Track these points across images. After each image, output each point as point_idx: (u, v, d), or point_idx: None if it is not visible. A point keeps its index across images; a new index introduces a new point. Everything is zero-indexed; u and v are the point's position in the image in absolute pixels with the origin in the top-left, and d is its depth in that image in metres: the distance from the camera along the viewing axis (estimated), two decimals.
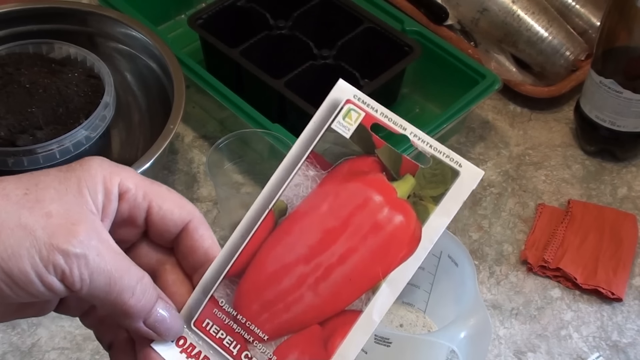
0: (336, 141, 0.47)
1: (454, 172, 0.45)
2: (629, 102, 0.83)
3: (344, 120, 0.47)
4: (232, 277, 0.46)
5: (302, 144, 0.47)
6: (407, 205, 0.45)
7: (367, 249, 0.45)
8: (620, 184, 0.87)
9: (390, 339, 0.61)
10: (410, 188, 0.45)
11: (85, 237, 0.40)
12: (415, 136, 0.47)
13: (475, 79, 0.87)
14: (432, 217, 0.45)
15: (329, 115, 0.48)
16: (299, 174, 0.46)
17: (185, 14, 1.01)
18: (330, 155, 0.47)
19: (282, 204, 0.46)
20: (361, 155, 0.47)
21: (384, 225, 0.45)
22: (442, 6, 0.97)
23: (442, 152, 0.46)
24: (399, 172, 0.46)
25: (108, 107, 0.76)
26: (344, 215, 0.45)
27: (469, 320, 0.60)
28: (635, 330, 0.75)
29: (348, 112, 0.47)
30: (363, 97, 0.47)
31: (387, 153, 0.47)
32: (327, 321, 0.45)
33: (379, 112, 0.48)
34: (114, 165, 0.43)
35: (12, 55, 0.79)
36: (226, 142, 0.78)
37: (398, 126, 0.48)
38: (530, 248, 0.80)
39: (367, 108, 0.48)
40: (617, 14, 0.80)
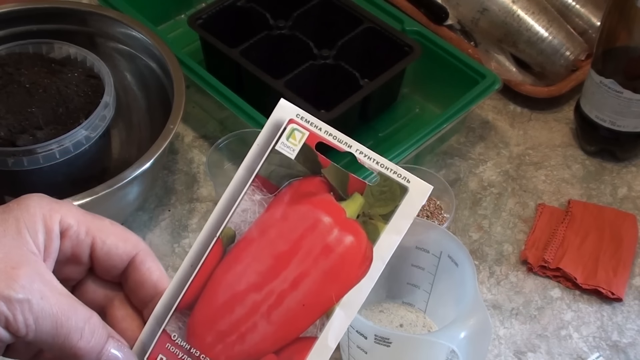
0: (281, 163, 0.46)
1: (402, 189, 0.44)
2: (629, 102, 0.83)
3: (288, 140, 0.46)
4: (183, 310, 0.44)
5: (246, 168, 0.45)
6: (356, 225, 0.44)
7: (319, 273, 0.44)
8: (620, 184, 0.87)
9: (390, 339, 0.61)
10: (359, 207, 0.44)
11: (27, 281, 0.38)
12: (362, 153, 0.46)
13: (475, 79, 0.87)
14: (383, 235, 0.44)
15: (272, 136, 0.46)
16: (245, 199, 0.45)
17: (185, 14, 1.01)
18: (276, 178, 0.46)
19: (230, 230, 0.45)
20: (308, 175, 0.46)
21: (335, 247, 0.44)
22: (442, 6, 0.97)
23: (389, 169, 0.45)
24: (346, 191, 0.45)
25: (108, 107, 0.76)
26: (293, 238, 0.44)
27: (469, 320, 0.60)
28: (635, 330, 0.75)
29: (292, 132, 0.46)
30: (306, 116, 0.46)
31: (333, 172, 0.46)
32: (282, 350, 0.44)
33: (322, 131, 0.46)
34: (53, 202, 0.42)
35: (12, 55, 0.79)
36: (226, 142, 0.78)
37: (343, 144, 0.46)
38: (530, 248, 0.80)
39: (310, 127, 0.46)
40: (617, 14, 0.80)
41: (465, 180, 0.87)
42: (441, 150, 0.89)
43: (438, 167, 0.88)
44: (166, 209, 0.83)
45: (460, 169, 0.88)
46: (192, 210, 0.83)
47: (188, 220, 0.82)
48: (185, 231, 0.81)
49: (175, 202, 0.84)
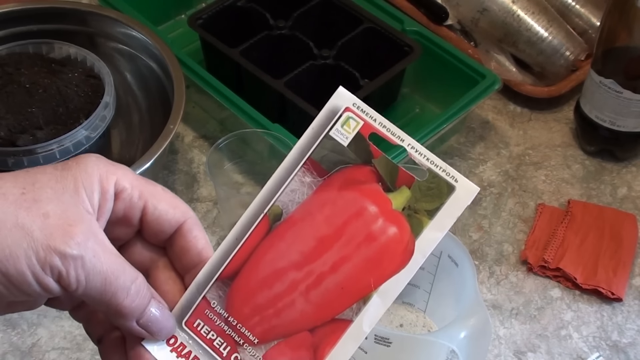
0: (334, 149, 0.46)
1: (449, 187, 0.45)
2: (629, 102, 0.83)
3: (342, 128, 0.47)
4: (224, 279, 0.45)
5: (299, 150, 0.46)
6: (401, 218, 0.45)
7: (360, 259, 0.44)
8: (620, 184, 0.87)
9: (390, 338, 0.61)
10: (405, 200, 0.45)
11: (82, 239, 0.40)
12: (413, 148, 0.47)
13: (475, 79, 0.87)
14: (426, 230, 0.44)
15: (327, 122, 0.47)
16: (295, 180, 0.46)
17: (185, 14, 1.01)
18: (327, 163, 0.46)
19: (278, 209, 0.46)
20: (358, 164, 0.46)
21: (378, 236, 0.44)
22: (442, 6, 0.97)
23: (439, 166, 0.45)
24: (395, 184, 0.46)
25: (108, 107, 0.76)
26: (338, 223, 0.45)
27: (469, 320, 0.60)
28: (635, 330, 0.75)
29: (347, 120, 0.47)
30: (362, 106, 0.47)
31: (383, 164, 0.47)
32: (317, 328, 0.45)
33: (377, 122, 0.47)
34: (110, 164, 0.43)
35: (12, 55, 0.79)
36: (226, 142, 0.78)
37: (396, 137, 0.47)
38: (530, 248, 0.80)
39: (366, 117, 0.47)
40: (617, 14, 0.80)
41: None
42: (441, 150, 0.89)
43: None
44: None
45: (460, 169, 0.88)
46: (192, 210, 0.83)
47: None
48: None
49: None
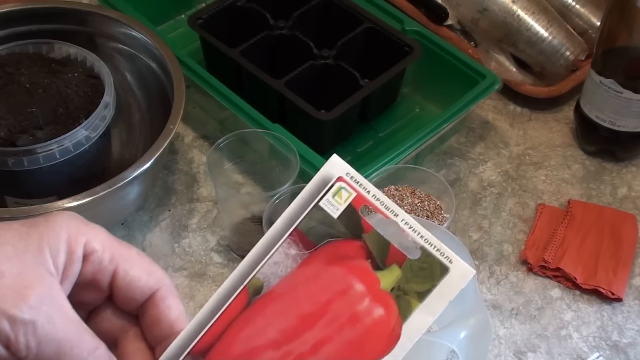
0: (323, 220, 0.43)
1: (443, 268, 0.42)
2: (629, 102, 0.83)
3: (334, 198, 0.43)
4: (196, 355, 0.42)
5: (286, 220, 0.43)
6: (389, 299, 0.42)
7: (342, 341, 0.41)
8: (620, 184, 0.87)
9: None
10: (395, 280, 0.42)
11: (36, 302, 0.37)
12: (407, 224, 0.43)
13: (475, 79, 0.87)
14: (415, 314, 0.42)
15: (318, 191, 0.44)
16: (279, 252, 0.43)
17: (185, 14, 1.01)
18: (315, 235, 0.43)
19: (258, 281, 0.43)
20: (347, 238, 0.43)
21: (363, 317, 0.41)
22: (442, 6, 0.97)
23: (433, 245, 0.42)
24: (385, 261, 0.43)
25: (108, 107, 0.76)
26: (322, 300, 0.42)
27: (469, 320, 0.60)
28: (635, 330, 0.75)
29: (338, 190, 0.44)
30: (356, 176, 0.44)
31: (374, 239, 0.43)
32: None
33: (370, 194, 0.43)
34: (82, 223, 0.41)
35: (12, 55, 0.79)
36: (226, 142, 0.78)
37: (390, 211, 0.43)
38: (530, 248, 0.80)
39: (359, 188, 0.44)
40: (617, 14, 0.80)
41: (465, 180, 0.87)
42: (441, 150, 0.89)
43: (438, 167, 0.88)
44: (166, 209, 0.83)
45: (460, 169, 0.88)
46: (192, 210, 0.83)
47: (188, 220, 0.82)
48: (185, 231, 0.81)
49: (175, 202, 0.84)
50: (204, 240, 0.81)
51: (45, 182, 0.74)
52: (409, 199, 0.75)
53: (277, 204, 0.72)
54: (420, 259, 0.42)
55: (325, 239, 0.43)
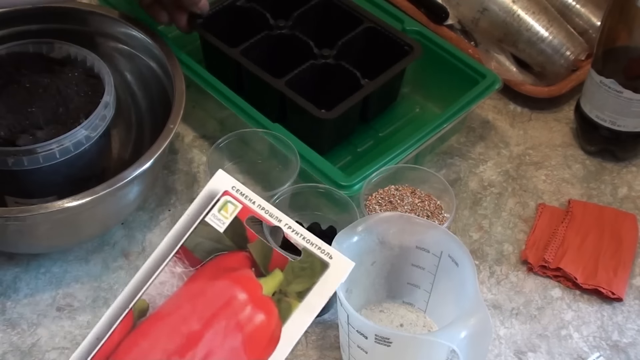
0: (209, 236, 0.43)
1: (323, 265, 0.43)
2: (629, 102, 0.83)
3: (220, 213, 0.44)
4: None
5: (172, 238, 0.43)
6: (270, 303, 0.42)
7: (225, 351, 0.41)
8: (620, 184, 0.87)
9: (390, 338, 0.61)
10: (277, 284, 0.43)
11: None
12: (290, 228, 0.44)
13: (475, 79, 0.87)
14: (294, 315, 0.42)
15: (204, 207, 0.44)
16: (165, 271, 0.43)
17: None
18: (201, 252, 0.43)
19: (144, 303, 0.42)
20: (233, 250, 0.43)
21: (244, 325, 0.42)
22: (442, 6, 0.97)
23: (314, 244, 0.43)
24: (268, 267, 0.43)
25: (108, 106, 0.76)
26: (207, 316, 0.42)
27: (469, 320, 0.60)
28: (635, 330, 0.75)
29: (224, 204, 0.45)
30: (242, 189, 0.45)
31: (258, 248, 0.44)
32: None
33: (256, 205, 0.44)
34: None
35: (12, 55, 0.79)
36: (226, 142, 0.78)
37: (274, 218, 0.45)
38: (531, 248, 0.80)
39: (244, 200, 0.45)
40: (617, 14, 0.80)
41: (466, 180, 0.87)
42: (441, 150, 0.89)
43: (438, 167, 0.88)
44: (166, 209, 0.83)
45: (461, 168, 0.88)
46: None
47: None
48: None
49: (175, 202, 0.84)
50: None
51: (45, 182, 0.74)
52: (409, 198, 0.75)
53: (277, 204, 0.72)
54: (302, 260, 0.43)
55: (212, 254, 0.43)
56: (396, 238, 0.68)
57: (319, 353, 0.72)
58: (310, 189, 0.74)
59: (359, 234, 0.66)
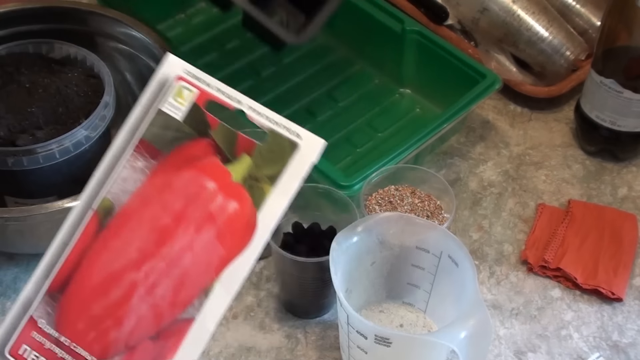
0: (167, 125, 0.41)
1: (292, 145, 0.40)
2: (629, 102, 0.83)
3: (175, 100, 0.41)
4: (53, 293, 0.40)
5: (128, 131, 0.41)
6: (242, 190, 0.40)
7: (201, 245, 0.40)
8: (620, 184, 0.87)
9: (390, 339, 0.61)
10: (246, 169, 0.41)
11: None
12: (252, 109, 0.42)
13: (476, 79, 0.87)
14: (269, 200, 0.40)
15: (157, 95, 0.42)
16: (125, 167, 0.41)
17: (186, 13, 1.01)
18: (161, 142, 0.41)
19: (108, 202, 0.41)
20: (195, 138, 0.41)
21: (218, 215, 0.40)
22: (442, 6, 0.97)
23: (280, 124, 0.41)
24: (234, 153, 0.41)
25: (108, 106, 0.76)
26: (176, 209, 0.40)
27: (469, 320, 0.60)
28: (635, 330, 0.75)
29: (179, 90, 0.42)
30: (195, 72, 0.42)
31: (222, 133, 0.41)
32: (159, 334, 0.40)
33: (213, 87, 0.41)
34: None
35: (12, 55, 0.79)
36: None
37: (234, 100, 0.42)
38: (531, 248, 0.80)
39: (200, 84, 0.42)
40: (617, 14, 0.80)
41: (466, 180, 0.87)
42: (441, 150, 0.89)
43: (438, 167, 0.88)
44: None
45: (461, 168, 0.88)
46: None
47: None
48: None
49: None
50: None
51: (45, 182, 0.74)
52: (409, 198, 0.75)
53: None
54: (269, 142, 0.41)
55: (173, 145, 0.41)
56: (396, 238, 0.68)
57: (319, 353, 0.72)
58: (310, 189, 0.74)
59: (359, 234, 0.66)
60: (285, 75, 0.95)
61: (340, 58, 0.97)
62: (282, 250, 0.68)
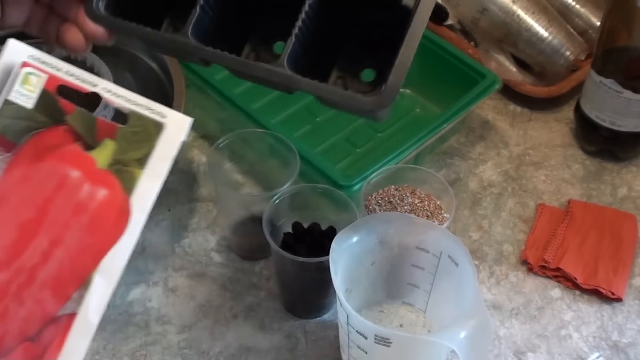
0: (18, 114, 0.39)
1: (157, 126, 0.39)
2: (629, 102, 0.83)
3: (23, 87, 0.39)
4: None
5: None
6: (109, 176, 0.39)
7: (73, 237, 0.38)
8: (620, 184, 0.87)
9: (390, 339, 0.61)
10: (111, 154, 0.39)
11: None
12: (109, 91, 0.41)
13: (475, 79, 0.87)
14: (140, 183, 0.38)
15: (2, 84, 0.39)
16: None
17: None
18: (13, 133, 0.39)
19: None
20: (50, 126, 0.39)
21: (87, 205, 0.38)
22: (442, 6, 0.97)
23: (141, 105, 0.40)
24: (95, 139, 0.40)
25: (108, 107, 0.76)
26: (39, 202, 0.38)
27: (469, 320, 0.60)
28: (635, 330, 0.75)
29: (26, 77, 0.40)
30: (42, 57, 0.40)
31: (79, 118, 0.40)
32: (39, 333, 0.38)
33: (63, 71, 0.40)
34: None
35: None
36: (226, 142, 0.78)
37: (87, 84, 0.41)
38: (531, 248, 0.80)
39: (48, 69, 0.40)
40: (617, 14, 0.80)
41: (465, 180, 0.87)
42: (441, 150, 0.89)
43: (438, 167, 0.88)
44: (166, 209, 0.83)
45: (460, 169, 0.88)
46: (192, 210, 0.83)
47: (188, 220, 0.82)
48: (185, 231, 0.81)
49: (175, 202, 0.84)
50: (204, 240, 0.81)
51: None
52: (409, 198, 0.75)
53: (277, 204, 0.72)
54: (131, 124, 0.39)
55: (27, 134, 0.39)
56: (396, 238, 0.68)
57: (319, 353, 0.72)
58: (310, 189, 0.74)
59: (359, 234, 0.66)
60: None
61: None
62: (282, 250, 0.68)
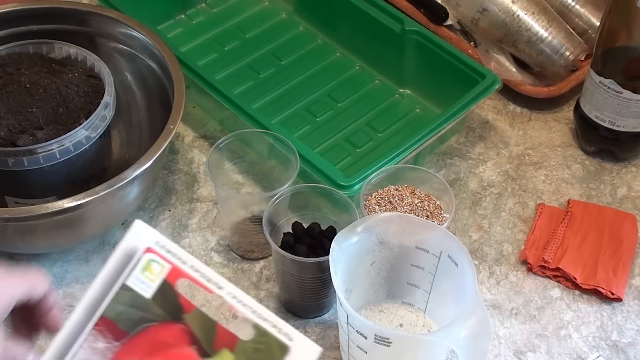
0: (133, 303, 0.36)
1: (282, 348, 0.35)
2: (628, 102, 0.83)
3: (143, 274, 0.36)
4: None
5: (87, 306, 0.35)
6: None
7: None
8: (620, 184, 0.87)
9: (390, 339, 0.61)
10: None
11: None
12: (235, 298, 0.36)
13: (475, 79, 0.87)
14: None
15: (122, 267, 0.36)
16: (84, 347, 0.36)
17: (186, 13, 1.01)
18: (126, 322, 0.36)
19: None
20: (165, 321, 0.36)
21: None
22: (442, 6, 0.97)
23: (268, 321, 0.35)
24: (212, 347, 0.36)
25: (108, 107, 0.76)
26: None
27: (469, 320, 0.60)
28: (635, 330, 0.75)
29: (148, 264, 0.36)
30: (168, 245, 0.37)
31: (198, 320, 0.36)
32: None
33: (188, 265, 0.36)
34: None
35: (12, 55, 0.79)
36: (226, 142, 0.78)
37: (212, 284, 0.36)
38: (530, 248, 0.80)
39: (173, 259, 0.36)
40: (617, 14, 0.80)
41: (465, 180, 0.87)
42: (441, 150, 0.89)
43: (438, 167, 0.88)
44: (166, 209, 0.83)
45: (460, 169, 0.88)
46: (192, 210, 0.83)
47: (188, 220, 0.82)
48: (186, 231, 0.81)
49: (175, 202, 0.84)
50: (204, 240, 0.81)
51: (46, 182, 0.75)
52: (409, 199, 0.75)
53: (277, 204, 0.72)
54: (254, 340, 0.35)
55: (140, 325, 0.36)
56: (396, 238, 0.68)
57: None
58: (310, 189, 0.74)
59: (359, 234, 0.66)
60: (285, 75, 0.95)
61: (340, 58, 0.98)
62: (282, 250, 0.68)
